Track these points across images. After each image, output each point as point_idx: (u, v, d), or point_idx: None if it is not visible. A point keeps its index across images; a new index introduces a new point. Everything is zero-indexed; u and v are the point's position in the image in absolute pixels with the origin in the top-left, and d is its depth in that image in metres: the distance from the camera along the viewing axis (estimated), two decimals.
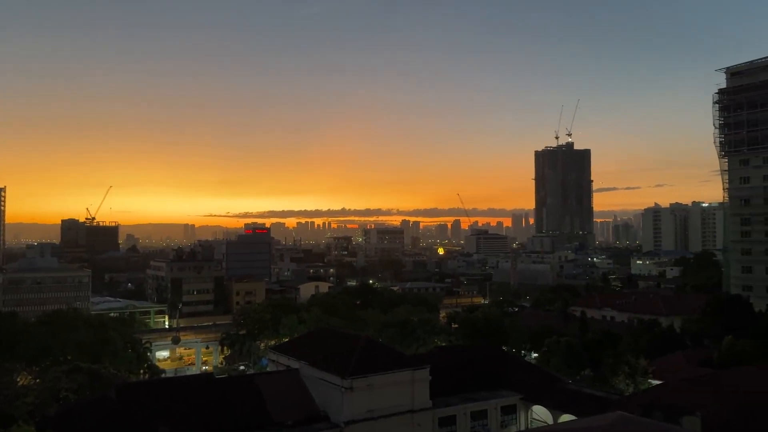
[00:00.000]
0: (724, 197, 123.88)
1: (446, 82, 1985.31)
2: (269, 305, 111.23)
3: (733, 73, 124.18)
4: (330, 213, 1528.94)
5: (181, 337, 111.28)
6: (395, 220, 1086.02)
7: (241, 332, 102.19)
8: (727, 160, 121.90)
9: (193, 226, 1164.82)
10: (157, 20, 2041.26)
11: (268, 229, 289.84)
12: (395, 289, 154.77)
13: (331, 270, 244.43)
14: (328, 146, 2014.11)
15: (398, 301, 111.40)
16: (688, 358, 68.21)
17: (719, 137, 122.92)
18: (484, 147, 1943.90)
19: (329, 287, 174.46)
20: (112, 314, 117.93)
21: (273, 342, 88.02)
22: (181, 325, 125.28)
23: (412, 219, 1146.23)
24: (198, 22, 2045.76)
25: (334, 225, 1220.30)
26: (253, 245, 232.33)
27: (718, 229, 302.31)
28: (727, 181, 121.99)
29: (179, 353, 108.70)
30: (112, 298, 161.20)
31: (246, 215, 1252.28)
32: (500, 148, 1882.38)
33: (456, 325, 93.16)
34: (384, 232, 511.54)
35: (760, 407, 39.01)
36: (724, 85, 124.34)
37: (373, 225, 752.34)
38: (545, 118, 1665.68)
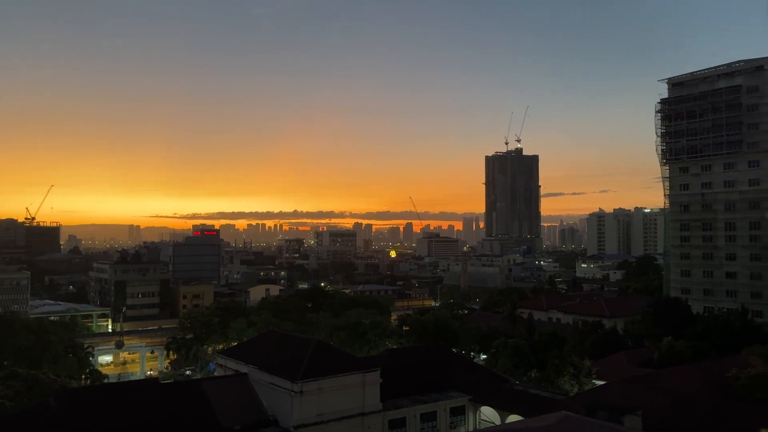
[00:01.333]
0: (665, 203, 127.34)
1: (400, 84, 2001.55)
2: (217, 309, 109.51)
3: (674, 83, 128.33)
4: (282, 215, 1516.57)
5: (125, 342, 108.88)
6: (348, 223, 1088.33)
7: (187, 336, 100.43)
8: (668, 168, 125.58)
9: (138, 227, 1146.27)
10: (103, 15, 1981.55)
11: (218, 231, 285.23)
12: (347, 291, 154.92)
13: (283, 273, 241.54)
14: (280, 147, 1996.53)
15: (350, 303, 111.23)
16: (630, 358, 69.90)
17: (661, 145, 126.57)
18: (437, 151, 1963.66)
19: (280, 290, 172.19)
20: (52, 318, 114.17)
21: (221, 346, 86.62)
22: (125, 329, 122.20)
23: (364, 222, 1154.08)
24: (146, 17, 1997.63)
25: (285, 227, 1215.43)
26: (201, 247, 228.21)
27: (659, 234, 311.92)
28: (668, 187, 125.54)
29: (123, 358, 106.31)
30: (52, 302, 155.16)
31: (194, 216, 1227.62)
32: (453, 152, 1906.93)
33: (407, 328, 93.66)
34: (336, 234, 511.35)
35: (693, 403, 40.48)
36: (666, 95, 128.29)
37: (325, 227, 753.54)
38: (497, 123, 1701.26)
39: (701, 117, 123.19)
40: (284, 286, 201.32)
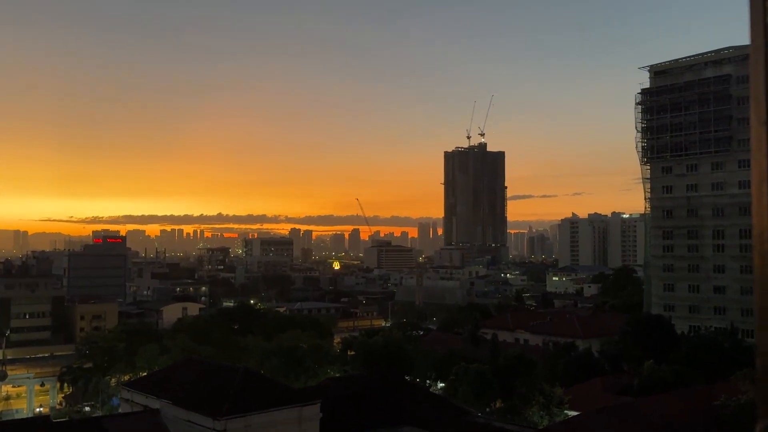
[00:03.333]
0: (645, 208, 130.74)
1: (345, 72, 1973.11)
2: (123, 332, 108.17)
3: (657, 72, 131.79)
4: (203, 219, 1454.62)
5: (9, 372, 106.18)
6: (283, 229, 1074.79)
7: (86, 365, 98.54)
8: (649, 168, 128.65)
9: (25, 233, 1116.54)
10: None
11: (124, 238, 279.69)
12: (282, 310, 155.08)
13: (204, 288, 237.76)
14: (201, 140, 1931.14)
15: (285, 324, 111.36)
16: (607, 384, 71.51)
17: (641, 142, 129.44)
18: (388, 147, 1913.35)
19: (201, 309, 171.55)
20: None
21: (127, 377, 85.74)
22: (9, 357, 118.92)
23: (303, 227, 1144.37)
24: None
25: (208, 233, 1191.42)
26: (103, 258, 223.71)
27: (638, 243, 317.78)
28: (649, 190, 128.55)
29: (6, 392, 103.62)
30: None
31: (95, 220, 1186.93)
32: (406, 148, 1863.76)
33: (352, 353, 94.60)
34: (269, 242, 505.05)
35: None
36: (647, 85, 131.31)
37: (256, 234, 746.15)
38: (457, 115, 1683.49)
39: (687, 110, 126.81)
40: (206, 304, 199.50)
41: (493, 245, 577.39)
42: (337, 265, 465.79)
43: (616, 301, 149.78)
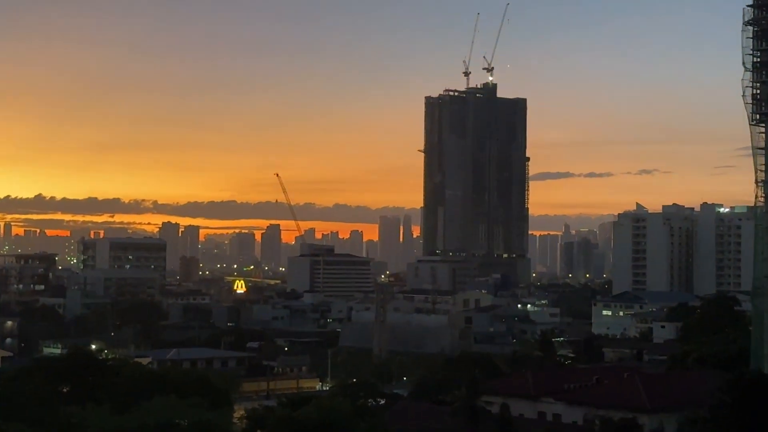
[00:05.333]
0: (757, 197, 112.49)
1: None
2: None
3: None
4: (10, 204, 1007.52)
5: None
6: (150, 223, 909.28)
7: None
8: (764, 131, 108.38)
9: None
10: None
11: None
12: (146, 362, 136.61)
13: (10, 324, 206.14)
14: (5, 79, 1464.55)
15: (152, 387, 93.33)
16: None
17: (752, 87, 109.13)
18: (331, 91, 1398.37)
19: (4, 359, 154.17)
20: None
21: None
22: None
23: (184, 221, 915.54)
24: None
25: (18, 229, 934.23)
26: None
27: (745, 255, 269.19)
28: (763, 168, 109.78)
29: None
30: None
31: None
32: (361, 94, 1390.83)
33: None
34: (126, 246, 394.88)
35: None
36: None
37: (102, 231, 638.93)
38: (446, 41, 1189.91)
39: None
40: (14, 351, 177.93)
41: (506, 256, 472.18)
42: (241, 286, 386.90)
43: (707, 351, 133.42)
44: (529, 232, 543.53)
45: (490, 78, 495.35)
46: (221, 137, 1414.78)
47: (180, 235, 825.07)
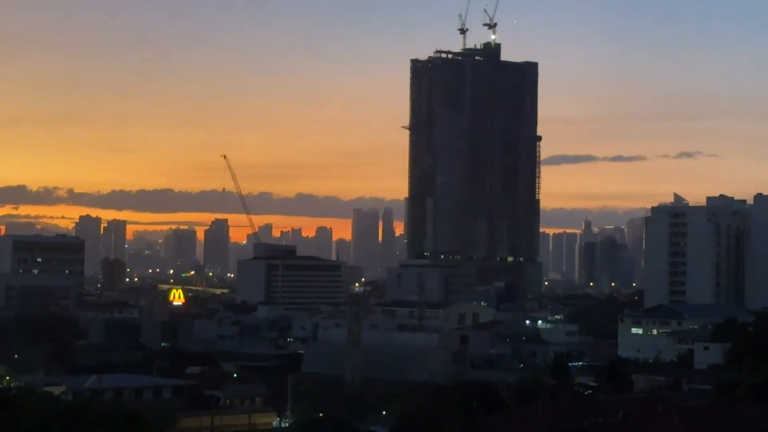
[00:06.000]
0: None
1: None
2: None
3: None
4: None
5: None
6: (63, 216, 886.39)
7: None
8: None
9: None
10: None
11: None
12: (59, 392, 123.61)
13: None
14: None
15: (65, 423, 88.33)
16: None
17: None
18: (289, 55, 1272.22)
19: None
20: None
21: None
22: None
23: (106, 214, 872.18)
24: None
25: None
26: None
27: None
28: None
29: None
30: None
31: None
32: (328, 57, 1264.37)
33: None
34: (33, 245, 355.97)
35: None
36: None
37: (3, 227, 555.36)
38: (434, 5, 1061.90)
39: None
40: None
41: (511, 259, 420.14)
42: (178, 296, 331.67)
43: (761, 380, 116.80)
44: (541, 230, 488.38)
45: (493, 37, 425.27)
46: (154, 109, 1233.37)
47: (102, 231, 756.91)
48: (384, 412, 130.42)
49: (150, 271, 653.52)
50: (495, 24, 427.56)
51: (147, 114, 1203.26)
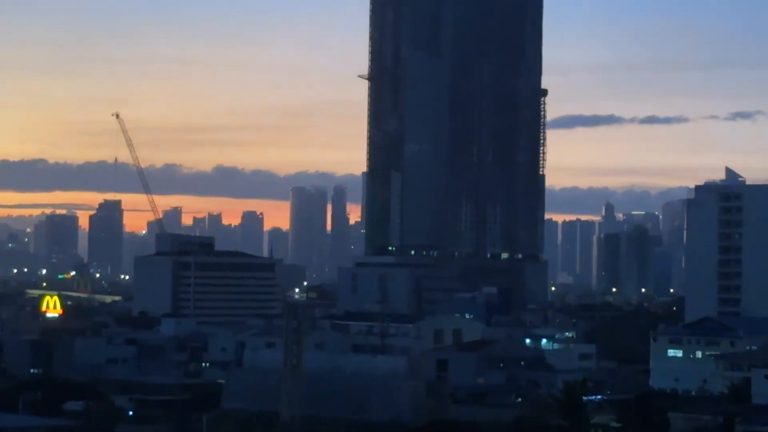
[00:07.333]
0: None
1: None
2: None
3: None
4: None
5: None
6: None
7: None
8: None
9: None
10: None
11: None
12: None
13: None
14: None
15: None
16: None
17: None
18: None
19: None
20: None
21: None
22: None
23: None
24: None
25: None
26: None
27: None
28: None
29: None
30: None
31: None
32: None
33: None
34: None
35: None
36: None
37: None
38: None
39: None
40: None
41: (506, 256, 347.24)
42: (55, 305, 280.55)
43: None
44: (546, 217, 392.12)
45: None
46: (20, 54, 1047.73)
47: None
48: None
49: (15, 271, 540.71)
50: None
51: (11, 59, 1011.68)
